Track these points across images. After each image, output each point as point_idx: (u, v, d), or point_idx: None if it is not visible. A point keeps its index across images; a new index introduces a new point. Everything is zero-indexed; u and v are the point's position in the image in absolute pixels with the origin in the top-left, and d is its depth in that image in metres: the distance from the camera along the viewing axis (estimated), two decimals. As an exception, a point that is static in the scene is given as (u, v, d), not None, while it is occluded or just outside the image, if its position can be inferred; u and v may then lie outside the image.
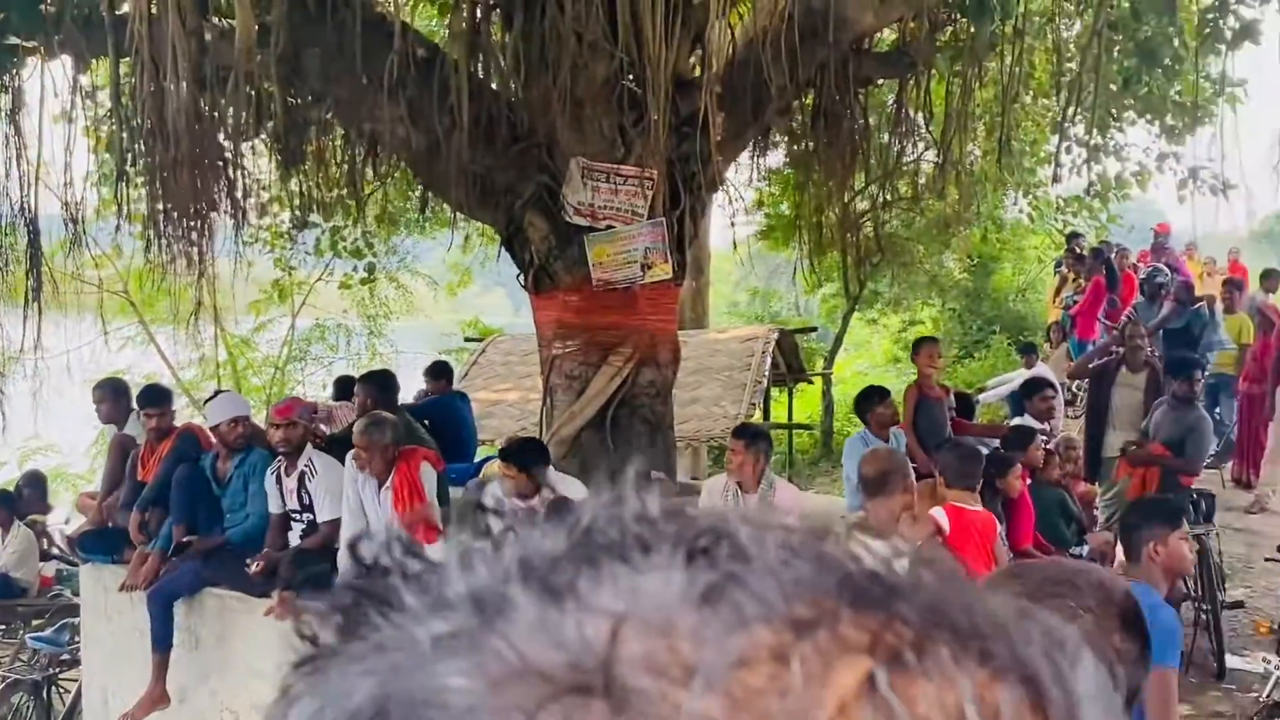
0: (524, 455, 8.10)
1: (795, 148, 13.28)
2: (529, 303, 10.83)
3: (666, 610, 0.49)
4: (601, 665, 0.47)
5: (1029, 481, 8.92)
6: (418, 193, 12.77)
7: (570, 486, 7.69)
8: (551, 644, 0.48)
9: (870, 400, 10.39)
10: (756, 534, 0.52)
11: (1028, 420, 10.92)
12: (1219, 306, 15.72)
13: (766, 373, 14.75)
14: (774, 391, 17.02)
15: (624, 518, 0.54)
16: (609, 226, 9.91)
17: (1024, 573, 2.14)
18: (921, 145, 13.96)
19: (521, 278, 10.47)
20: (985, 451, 8.49)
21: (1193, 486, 10.75)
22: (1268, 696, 7.15)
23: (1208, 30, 13.08)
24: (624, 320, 10.21)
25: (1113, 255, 18.47)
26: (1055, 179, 16.23)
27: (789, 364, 16.37)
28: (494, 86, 10.05)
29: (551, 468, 8.59)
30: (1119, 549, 7.43)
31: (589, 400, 10.20)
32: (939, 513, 6.25)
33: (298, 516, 8.70)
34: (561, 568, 0.51)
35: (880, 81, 12.59)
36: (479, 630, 0.50)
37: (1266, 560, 10.56)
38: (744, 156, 12.66)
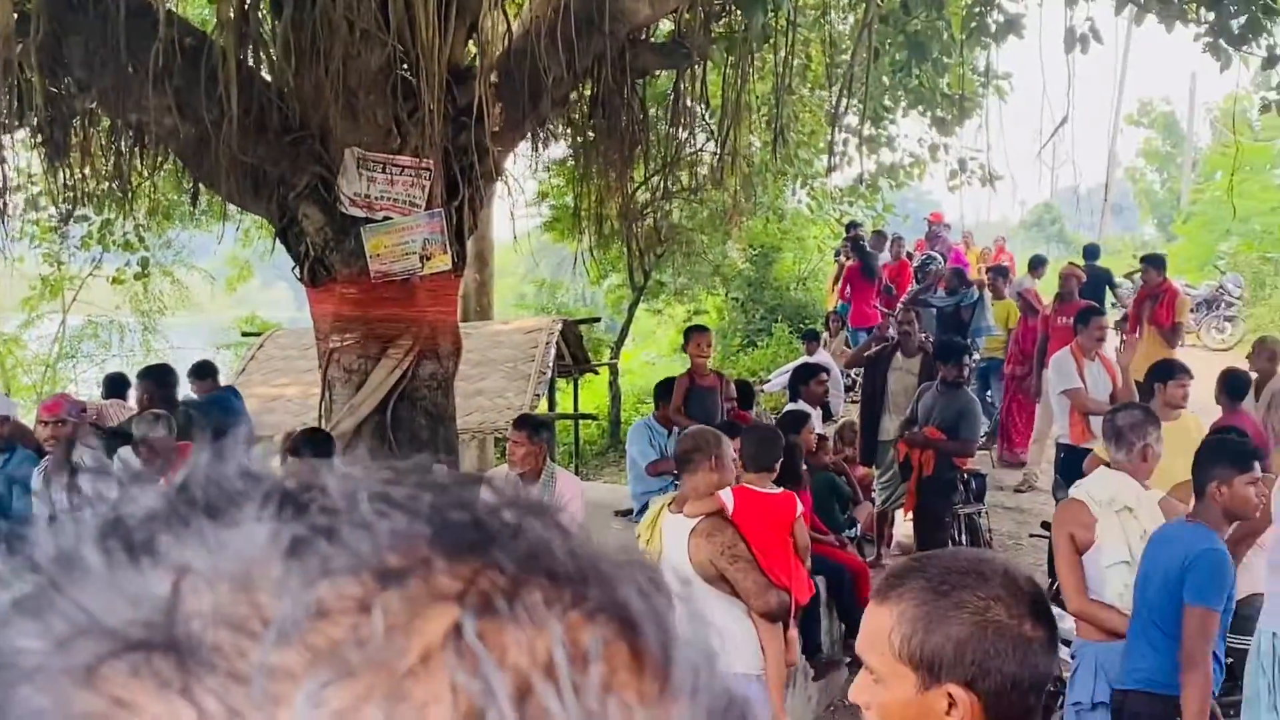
0: (312, 446, 8.04)
1: (576, 139, 13.33)
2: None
3: (247, 564, 0.49)
4: (167, 620, 0.47)
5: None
6: (189, 185, 12.49)
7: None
8: (120, 600, 0.48)
9: (667, 390, 10.60)
10: (352, 488, 0.53)
11: (801, 405, 11.13)
12: (988, 294, 16.22)
13: (551, 363, 14.76)
14: (560, 382, 17.05)
15: (221, 476, 0.54)
16: (386, 218, 9.80)
17: (926, 563, 2.19)
18: (702, 136, 14.14)
19: (297, 270, 10.30)
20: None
21: (966, 467, 11.10)
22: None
23: (974, 24, 13.48)
24: (403, 312, 10.11)
25: (889, 244, 18.96)
26: (831, 169, 16.58)
27: (574, 355, 16.41)
28: (265, 76, 9.88)
29: (337, 459, 8.50)
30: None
31: (368, 393, 10.08)
32: (725, 494, 6.31)
33: (66, 515, 8.50)
34: (148, 526, 0.51)
35: (658, 72, 12.69)
36: (51, 590, 0.49)
37: (1032, 536, 10.95)
38: (525, 148, 12.68)
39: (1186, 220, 36.95)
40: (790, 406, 11.44)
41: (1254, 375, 10.83)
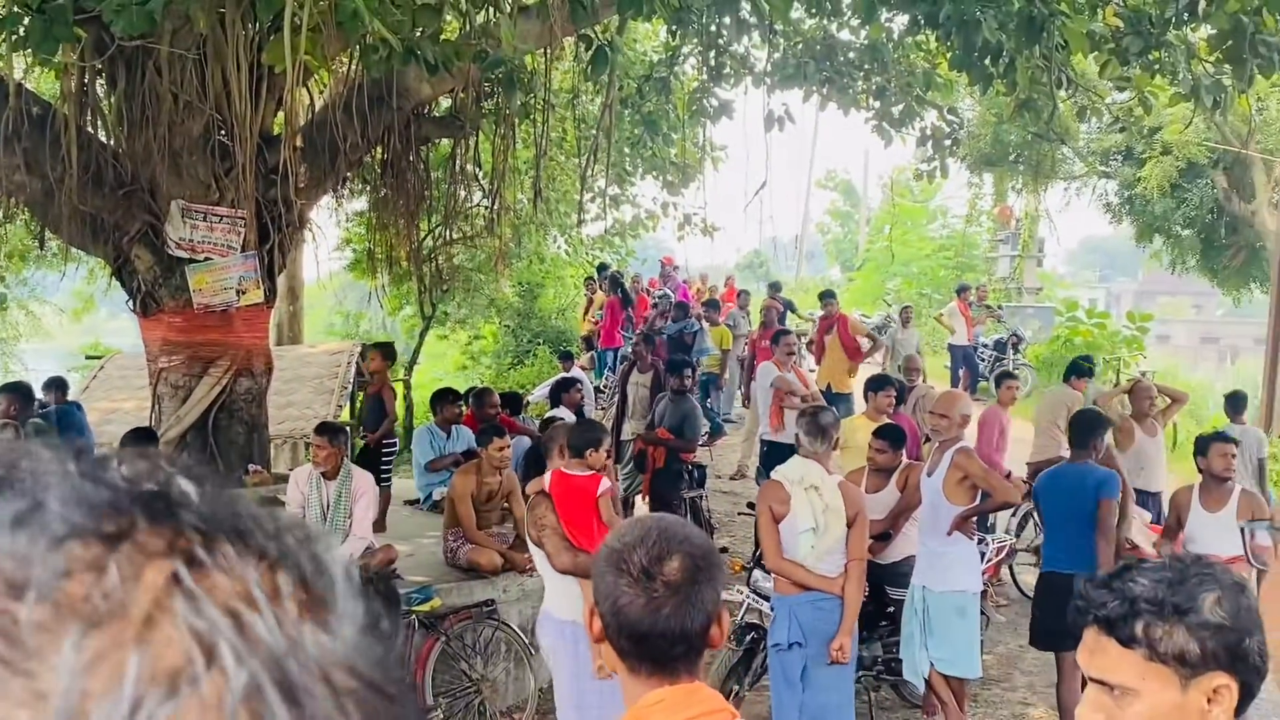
0: (138, 443, 7.83)
1: (372, 194, 13.13)
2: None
3: None
4: None
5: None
6: (37, 231, 11.99)
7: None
8: None
9: (443, 399, 10.47)
10: (50, 467, 0.51)
11: (560, 411, 11.13)
12: (705, 324, 16.48)
13: (351, 380, 14.58)
14: (359, 395, 16.74)
15: None
16: (207, 258, 9.61)
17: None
18: (477, 194, 14.07)
19: (130, 303, 10.02)
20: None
21: (690, 460, 11.20)
22: (742, 619, 7.46)
23: (695, 107, 13.68)
24: (222, 338, 9.95)
25: (628, 281, 19.10)
26: (581, 222, 16.67)
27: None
28: (102, 138, 9.59)
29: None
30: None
31: (192, 406, 9.85)
32: (546, 477, 6.46)
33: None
34: None
35: (439, 140, 12.59)
36: None
37: (740, 514, 11.09)
38: (329, 201, 12.48)
39: (862, 265, 38.17)
40: (551, 412, 11.45)
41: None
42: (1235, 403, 11.24)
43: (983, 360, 19.92)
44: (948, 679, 6.93)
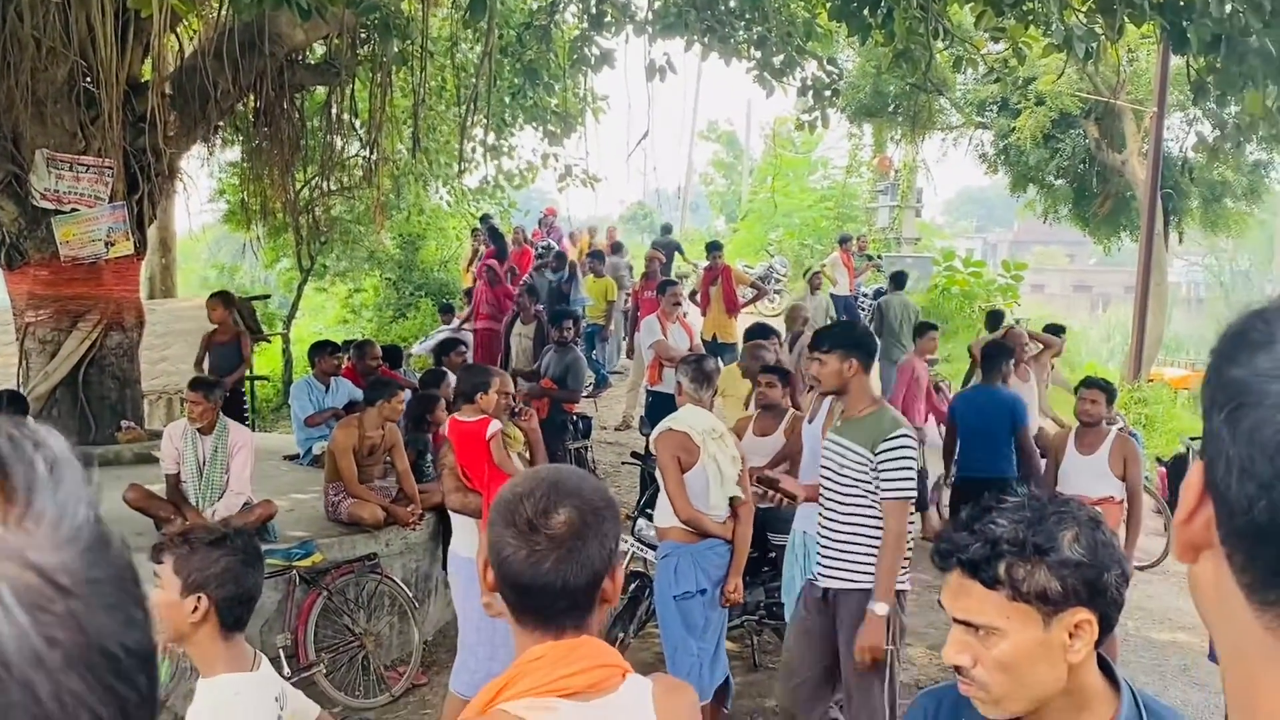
0: (8, 406, 7.58)
1: (246, 144, 12.84)
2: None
3: None
4: None
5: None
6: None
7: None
8: None
9: (321, 351, 10.32)
10: None
11: (444, 367, 11.05)
12: (580, 272, 16.45)
13: (226, 333, 14.27)
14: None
15: None
16: (74, 209, 9.33)
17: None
18: (356, 143, 13.84)
19: (-7, 256, 9.70)
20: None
21: (575, 411, 11.21)
22: (627, 567, 7.51)
23: (576, 56, 13.56)
24: (91, 290, 9.70)
25: (513, 234, 18.96)
26: (462, 172, 16.49)
27: (249, 325, 15.79)
28: (-40, 86, 9.22)
29: (30, 417, 7.97)
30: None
31: (61, 361, 9.60)
32: (445, 424, 6.75)
33: None
34: None
35: (313, 88, 12.34)
36: None
37: (624, 463, 11.15)
38: (202, 150, 12.17)
39: (745, 216, 38.28)
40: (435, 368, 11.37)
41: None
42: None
43: (863, 310, 20.18)
44: (828, 622, 7.04)
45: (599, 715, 1.91)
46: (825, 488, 5.27)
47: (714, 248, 15.46)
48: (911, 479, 5.06)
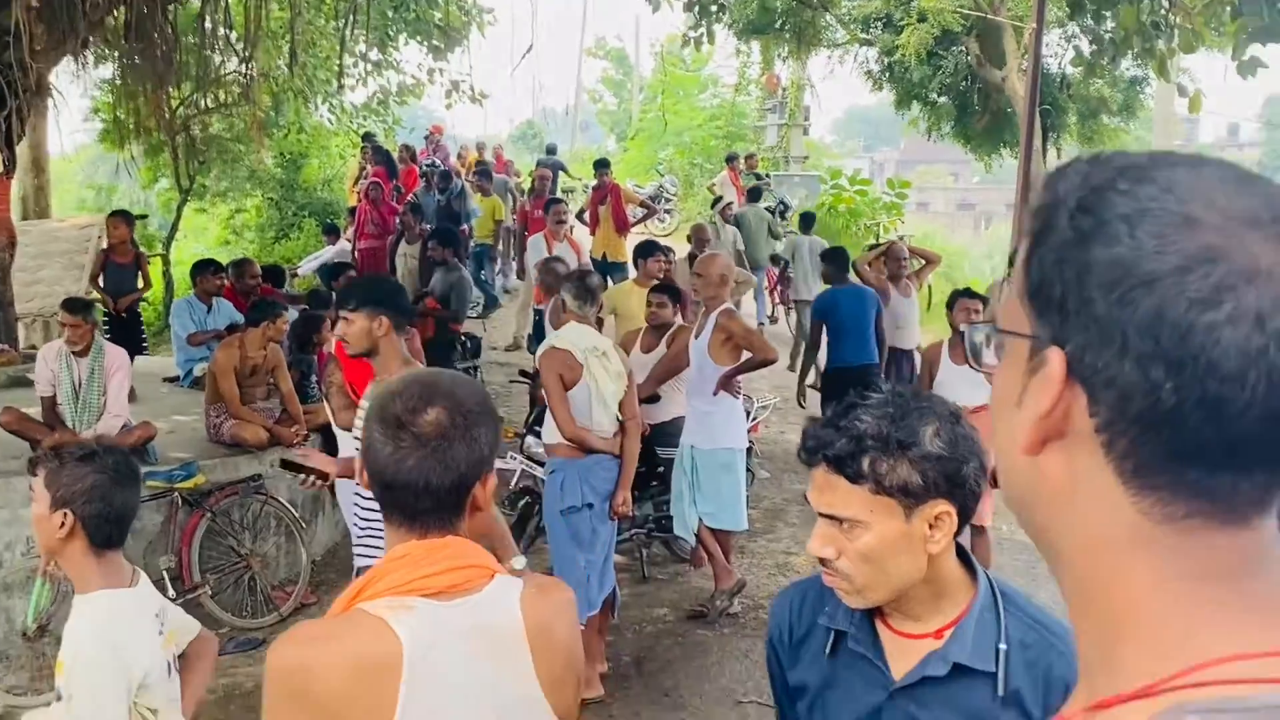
0: None
1: (119, 59, 12.44)
2: None
3: None
4: None
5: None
6: None
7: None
8: None
9: (203, 271, 10.11)
10: None
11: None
12: (469, 187, 16.25)
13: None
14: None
15: None
16: (-65, 127, 8.99)
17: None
18: (233, 58, 13.48)
19: None
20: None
21: (462, 331, 11.15)
22: (516, 484, 7.53)
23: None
24: (-42, 210, 9.36)
25: (399, 152, 18.65)
26: (342, 88, 16.21)
27: (127, 247, 15.48)
28: None
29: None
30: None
31: (-72, 284, 9.29)
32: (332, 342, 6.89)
33: None
34: None
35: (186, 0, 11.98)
36: None
37: (512, 382, 11.15)
38: (73, 65, 11.76)
39: (635, 135, 38.10)
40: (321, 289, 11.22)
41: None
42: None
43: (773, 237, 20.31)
44: (715, 533, 7.15)
45: (459, 615, 1.91)
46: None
47: (602, 166, 15.35)
48: None
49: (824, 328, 9.80)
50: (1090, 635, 0.89)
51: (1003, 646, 1.94)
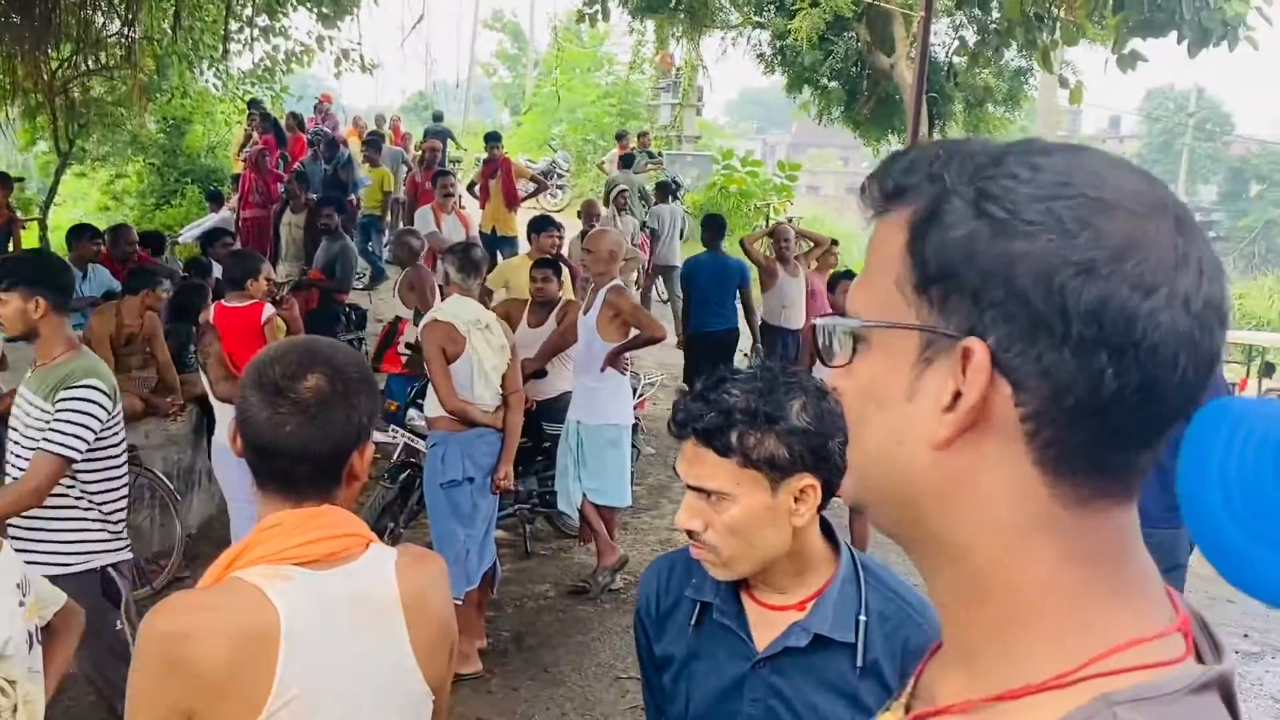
0: None
1: (-1, 18, 12.04)
2: None
3: None
4: None
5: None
6: None
7: None
8: None
9: (79, 236, 9.87)
10: None
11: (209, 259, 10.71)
12: (358, 157, 16.07)
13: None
14: (-9, 236, 15.60)
15: None
16: None
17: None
18: (116, 20, 13.14)
19: None
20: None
21: (347, 302, 11.01)
22: (397, 458, 7.47)
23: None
24: None
25: (285, 120, 18.33)
26: (227, 53, 15.88)
27: (1, 211, 15.02)
28: None
29: None
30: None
31: None
32: (210, 310, 6.66)
33: None
34: None
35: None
36: None
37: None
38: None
39: (529, 110, 37.94)
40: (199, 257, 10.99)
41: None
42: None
43: (645, 204, 20.33)
44: (599, 508, 7.18)
45: (335, 583, 1.91)
46: (12, 452, 4.30)
47: (492, 139, 15.23)
48: (81, 438, 4.12)
49: (690, 293, 10.65)
50: (984, 624, 0.88)
51: (863, 618, 1.98)
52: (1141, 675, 0.81)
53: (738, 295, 10.65)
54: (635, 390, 8.53)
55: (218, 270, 9.30)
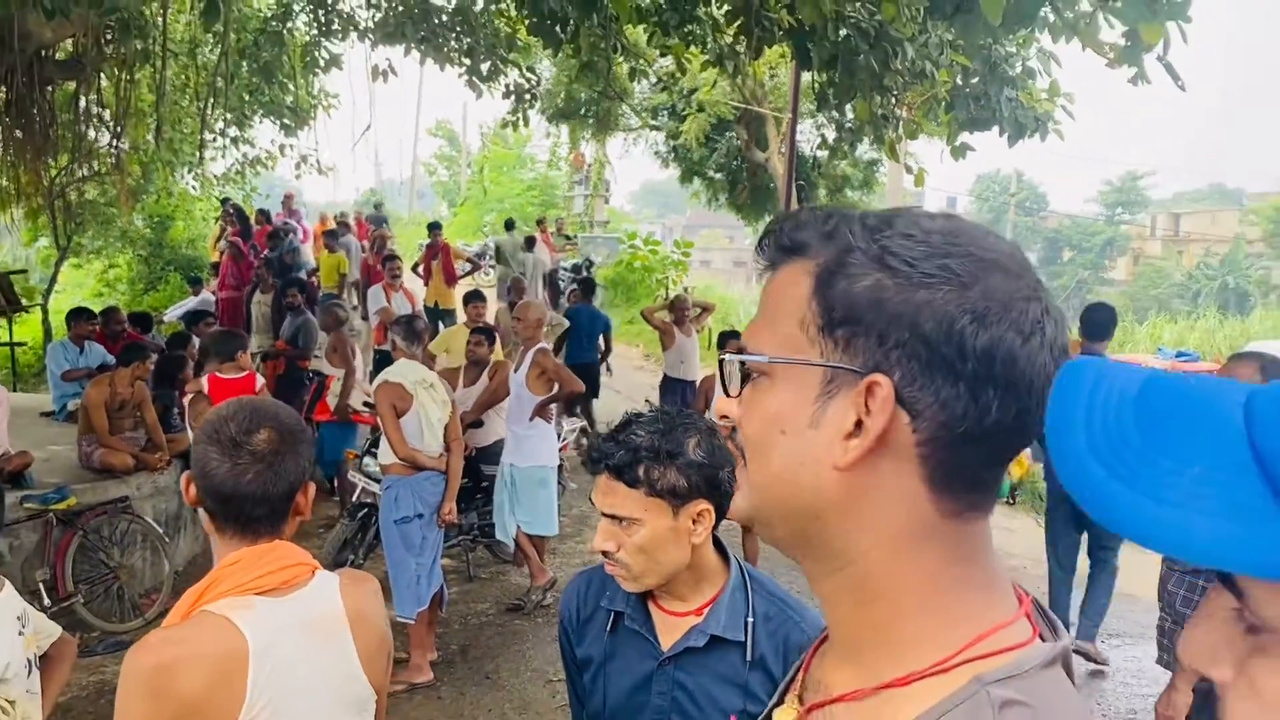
0: None
1: (4, 133, 11.78)
2: None
3: None
4: None
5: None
6: None
7: None
8: None
9: (77, 317, 9.67)
10: None
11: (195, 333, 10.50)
12: (310, 246, 15.97)
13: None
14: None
15: None
16: None
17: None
18: (106, 133, 12.92)
19: None
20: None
21: (309, 369, 10.85)
22: (357, 498, 7.34)
23: (308, 59, 13.09)
24: None
25: (255, 215, 18.10)
26: (203, 160, 15.69)
27: (7, 298, 14.60)
28: None
29: None
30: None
31: None
32: (203, 380, 6.56)
33: None
34: None
35: (63, 81, 11.42)
36: None
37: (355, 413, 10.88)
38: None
39: (464, 202, 37.90)
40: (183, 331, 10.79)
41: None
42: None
43: (562, 281, 20.34)
44: (531, 538, 7.14)
45: (292, 607, 1.90)
46: None
47: (434, 227, 15.27)
48: None
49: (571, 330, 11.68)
50: (874, 621, 0.87)
51: (750, 620, 1.99)
52: (1005, 657, 0.82)
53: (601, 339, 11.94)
54: (559, 435, 8.49)
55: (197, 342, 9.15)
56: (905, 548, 0.85)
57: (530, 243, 17.21)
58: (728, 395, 0.95)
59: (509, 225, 18.55)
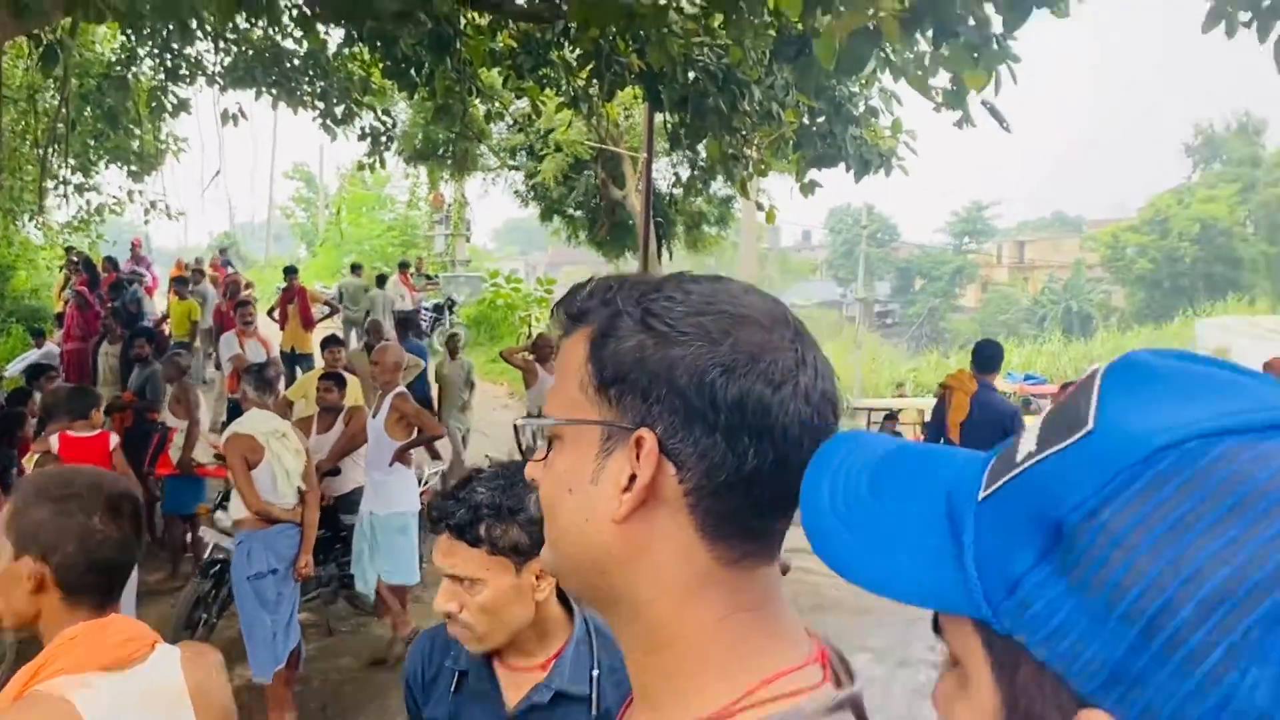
0: None
1: None
2: None
3: None
4: None
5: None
6: None
7: None
8: None
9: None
10: None
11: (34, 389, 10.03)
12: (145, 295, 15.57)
13: None
14: None
15: None
16: None
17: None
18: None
19: None
20: None
21: (158, 420, 10.46)
22: (209, 555, 7.07)
23: (154, 103, 12.71)
24: None
25: (102, 263, 17.46)
26: (42, 209, 15.11)
27: None
28: None
29: None
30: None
31: None
32: (52, 440, 6.23)
33: None
34: None
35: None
36: None
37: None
38: None
39: (322, 244, 37.28)
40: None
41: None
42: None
43: (424, 321, 20.11)
44: (392, 587, 6.99)
45: (132, 684, 1.79)
46: None
47: (290, 271, 14.97)
48: None
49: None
50: (660, 671, 0.89)
51: (595, 673, 1.97)
52: (789, 701, 0.83)
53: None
54: (420, 480, 8.36)
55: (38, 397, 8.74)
56: (686, 597, 0.86)
57: (381, 280, 17.06)
58: (523, 458, 0.98)
59: (355, 269, 18.48)
